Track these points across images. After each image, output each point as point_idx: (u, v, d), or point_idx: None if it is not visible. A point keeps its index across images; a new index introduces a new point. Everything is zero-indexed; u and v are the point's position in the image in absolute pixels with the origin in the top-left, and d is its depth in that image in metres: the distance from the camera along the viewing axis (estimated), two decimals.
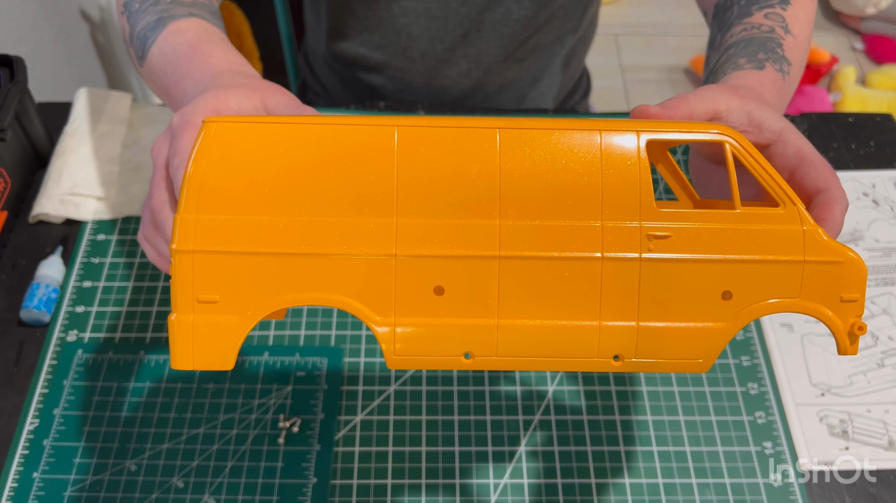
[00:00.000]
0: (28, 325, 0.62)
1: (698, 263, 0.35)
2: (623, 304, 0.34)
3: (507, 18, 0.76)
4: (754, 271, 0.35)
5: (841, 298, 0.35)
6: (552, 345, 0.35)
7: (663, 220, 0.35)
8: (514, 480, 0.55)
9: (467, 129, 0.35)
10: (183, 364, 0.35)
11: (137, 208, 0.68)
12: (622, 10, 2.00)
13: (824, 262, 0.35)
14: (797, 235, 0.35)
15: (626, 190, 0.34)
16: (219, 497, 0.54)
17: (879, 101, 1.72)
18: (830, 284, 0.35)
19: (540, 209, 0.34)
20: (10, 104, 0.64)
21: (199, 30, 0.51)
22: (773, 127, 0.41)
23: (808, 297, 0.35)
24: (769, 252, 0.35)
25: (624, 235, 0.34)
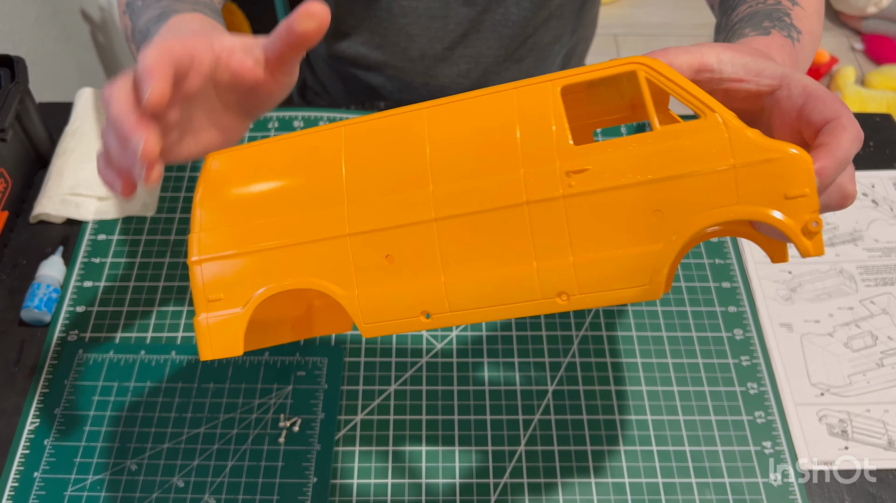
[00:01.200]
0: (29, 325, 0.62)
1: (621, 189, 0.34)
2: (555, 243, 0.35)
3: (507, 20, 0.76)
4: (682, 186, 0.34)
5: (786, 196, 0.33)
6: (498, 293, 0.36)
7: (581, 155, 0.35)
8: (514, 480, 0.55)
9: (400, 115, 0.39)
10: (206, 355, 0.42)
11: (138, 208, 0.68)
12: (622, 10, 2.00)
13: (757, 162, 0.33)
14: (722, 141, 0.34)
15: (542, 137, 0.36)
16: (219, 496, 0.54)
17: (879, 101, 1.72)
18: (770, 184, 0.33)
19: (467, 171, 0.37)
20: (11, 104, 0.64)
21: (203, 21, 0.49)
22: (773, 73, 0.39)
23: (747, 202, 0.33)
24: (694, 164, 0.34)
25: (545, 178, 0.35)
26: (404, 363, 0.61)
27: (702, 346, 0.62)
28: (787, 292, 0.65)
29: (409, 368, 0.60)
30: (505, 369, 0.60)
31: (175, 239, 0.67)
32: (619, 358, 0.61)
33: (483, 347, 0.61)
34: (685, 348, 0.62)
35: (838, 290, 0.65)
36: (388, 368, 0.60)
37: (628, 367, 0.61)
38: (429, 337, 0.62)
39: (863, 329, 0.63)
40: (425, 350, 0.61)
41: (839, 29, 2.01)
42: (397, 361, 0.61)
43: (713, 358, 0.61)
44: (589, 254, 0.35)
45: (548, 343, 0.62)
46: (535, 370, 0.60)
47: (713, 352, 0.61)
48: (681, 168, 0.34)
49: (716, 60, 0.40)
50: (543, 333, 0.62)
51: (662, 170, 0.34)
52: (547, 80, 0.37)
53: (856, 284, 0.66)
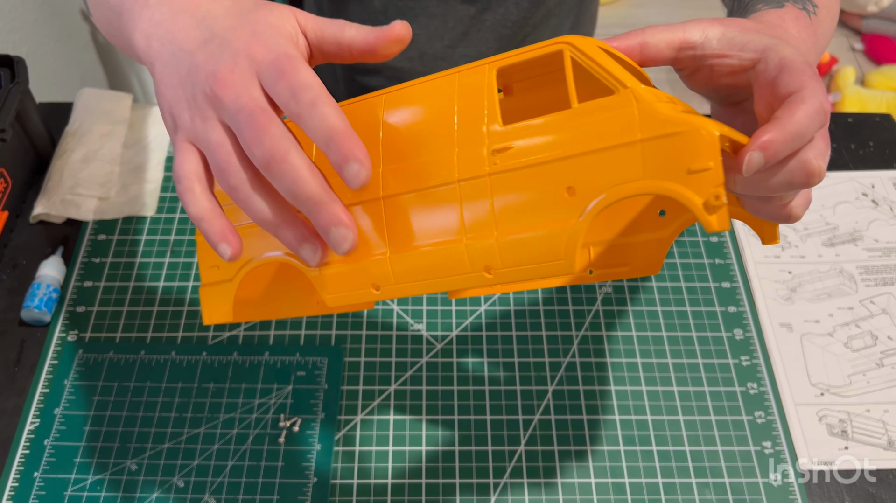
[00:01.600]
0: (29, 325, 0.62)
1: (537, 166, 0.35)
2: (482, 219, 0.36)
3: (507, 19, 0.77)
4: (593, 162, 0.34)
5: (689, 170, 0.32)
6: (434, 267, 0.37)
7: (507, 134, 0.36)
8: (514, 480, 0.55)
9: (361, 101, 0.40)
10: (205, 321, 0.45)
11: (138, 208, 0.69)
12: (622, 10, 2.00)
13: (662, 136, 0.32)
14: (631, 116, 0.33)
15: (475, 117, 0.37)
16: (219, 496, 0.54)
17: (879, 101, 1.72)
18: (675, 158, 0.32)
19: (412, 151, 0.38)
20: (11, 104, 0.64)
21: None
22: (755, 46, 0.38)
23: (652, 176, 0.33)
24: (603, 140, 0.34)
25: (474, 157, 0.36)
26: (404, 363, 0.61)
27: (702, 346, 0.62)
28: (786, 292, 0.65)
29: (409, 368, 0.60)
30: (505, 369, 0.60)
31: (175, 239, 0.67)
32: (619, 358, 0.61)
33: (483, 347, 0.62)
34: (685, 348, 0.62)
35: (838, 290, 0.65)
36: (388, 368, 0.60)
37: (628, 367, 0.61)
38: (429, 337, 0.62)
39: (863, 329, 0.63)
40: (425, 350, 0.61)
41: (839, 29, 2.00)
42: (397, 361, 0.61)
43: (713, 358, 0.61)
44: (510, 230, 0.36)
45: (548, 343, 0.62)
46: (535, 370, 0.60)
47: (713, 352, 0.61)
48: (590, 144, 0.34)
49: (700, 36, 0.39)
50: (543, 333, 0.62)
51: (574, 146, 0.34)
52: (485, 62, 0.38)
53: (856, 284, 0.66)
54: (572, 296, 0.64)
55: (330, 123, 0.33)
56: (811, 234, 0.69)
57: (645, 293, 0.65)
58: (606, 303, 0.64)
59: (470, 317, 0.63)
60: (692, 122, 0.32)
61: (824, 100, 0.34)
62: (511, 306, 0.64)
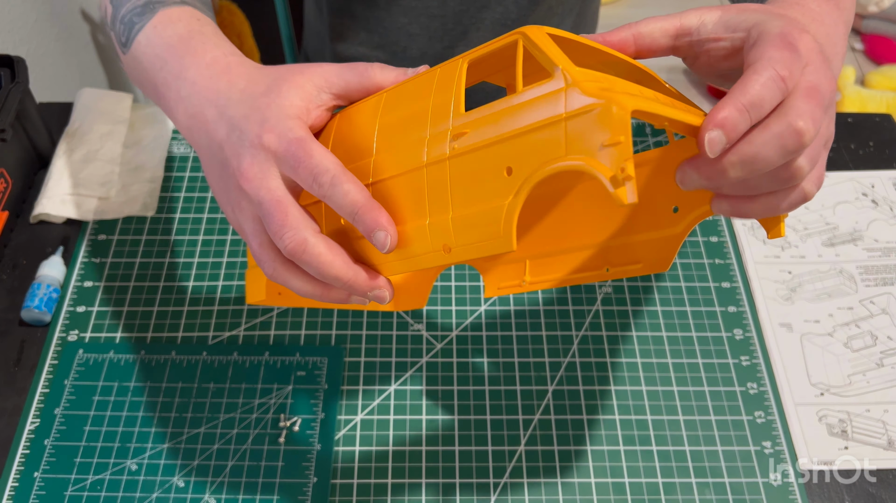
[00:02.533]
0: (29, 325, 0.62)
1: (484, 149, 0.36)
2: (441, 200, 0.38)
3: (506, 18, 0.77)
4: (527, 142, 0.35)
5: (602, 145, 0.32)
6: (409, 246, 0.39)
7: (466, 120, 0.38)
8: (514, 480, 0.55)
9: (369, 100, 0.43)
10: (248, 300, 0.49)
11: (138, 208, 0.69)
12: (622, 10, 2.00)
13: (579, 113, 0.33)
14: (558, 96, 0.34)
15: (444, 106, 0.39)
16: (219, 496, 0.54)
17: (879, 101, 1.72)
18: (590, 133, 0.32)
19: (398, 138, 0.40)
20: (12, 104, 0.64)
21: (190, 20, 0.47)
22: (745, 25, 0.37)
23: (572, 153, 0.33)
24: (535, 120, 0.35)
25: (439, 143, 0.38)
26: (404, 363, 0.61)
27: (702, 346, 0.62)
28: (786, 292, 0.65)
29: (409, 368, 0.60)
30: (505, 369, 0.60)
31: (175, 239, 0.67)
32: (619, 358, 0.61)
33: (483, 347, 0.62)
34: (685, 348, 0.62)
35: (838, 290, 0.65)
36: (388, 368, 0.60)
37: (628, 367, 0.61)
38: (429, 337, 0.62)
39: (862, 329, 0.63)
40: (425, 350, 0.61)
41: None
42: (397, 361, 0.61)
43: (713, 358, 0.61)
44: (462, 210, 0.37)
45: (548, 343, 0.62)
46: (535, 370, 0.60)
47: (713, 352, 0.61)
48: (523, 125, 0.35)
49: (697, 22, 0.39)
50: (543, 333, 0.62)
51: (511, 128, 0.36)
52: (460, 57, 0.40)
53: (856, 284, 0.66)
54: (572, 297, 0.65)
55: (352, 199, 0.37)
56: (811, 234, 0.69)
57: (645, 293, 0.65)
58: (606, 304, 0.64)
59: (470, 317, 0.63)
60: (608, 97, 0.32)
61: (783, 67, 0.33)
62: (511, 306, 0.64)
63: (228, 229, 0.68)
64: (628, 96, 0.32)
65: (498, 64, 0.43)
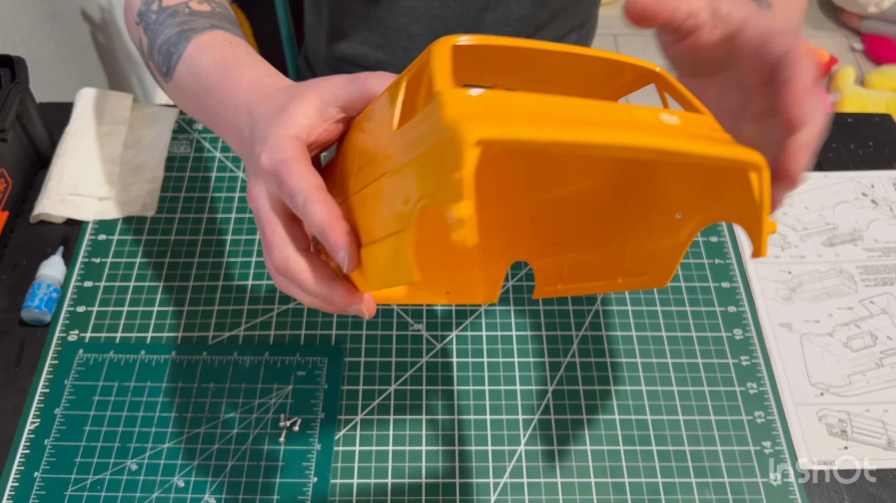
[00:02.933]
0: (29, 325, 0.62)
1: (391, 175, 0.35)
2: (368, 223, 0.38)
3: (508, 17, 0.77)
4: (413, 172, 0.32)
5: (451, 178, 0.27)
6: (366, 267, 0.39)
7: (394, 140, 0.36)
8: (514, 480, 0.55)
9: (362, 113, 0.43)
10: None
11: (138, 208, 0.69)
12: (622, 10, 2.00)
13: (439, 141, 0.29)
14: (437, 123, 0.30)
15: (388, 124, 0.37)
16: (219, 496, 0.54)
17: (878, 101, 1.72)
18: (439, 167, 0.29)
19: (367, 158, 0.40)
20: (12, 104, 0.64)
21: (223, 45, 0.50)
22: (738, 16, 0.40)
23: (429, 187, 0.30)
24: (416, 148, 0.32)
25: (379, 162, 0.37)
26: (404, 363, 0.61)
27: (701, 346, 0.62)
28: (786, 292, 0.65)
29: (409, 368, 0.60)
30: (505, 369, 0.60)
31: (175, 239, 0.67)
32: (619, 358, 0.61)
33: (483, 347, 0.62)
34: (685, 348, 0.62)
35: (838, 290, 0.65)
36: (388, 368, 0.60)
37: (628, 367, 0.61)
38: (429, 337, 0.62)
39: (862, 329, 0.63)
40: (425, 350, 0.61)
41: (839, 29, 2.01)
42: (397, 361, 0.61)
43: (713, 358, 0.61)
44: (374, 236, 0.37)
45: (548, 343, 0.62)
46: (535, 370, 0.60)
47: (713, 352, 0.61)
48: (413, 153, 0.32)
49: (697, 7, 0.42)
50: (543, 333, 0.62)
51: (406, 156, 0.33)
52: (406, 71, 0.38)
53: (855, 284, 0.66)
54: (572, 297, 0.65)
55: (318, 219, 0.38)
56: (811, 234, 0.69)
57: (645, 293, 0.65)
58: (606, 304, 0.64)
59: (470, 317, 0.63)
60: (457, 127, 0.27)
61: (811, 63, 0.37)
62: (511, 306, 0.64)
63: (228, 229, 0.68)
64: (487, 122, 0.27)
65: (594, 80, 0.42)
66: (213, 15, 0.53)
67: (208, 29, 0.51)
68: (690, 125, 0.35)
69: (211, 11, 0.53)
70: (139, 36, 0.54)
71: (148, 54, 0.54)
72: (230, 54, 0.49)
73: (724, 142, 0.35)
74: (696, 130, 0.35)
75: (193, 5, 0.53)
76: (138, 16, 0.54)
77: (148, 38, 0.53)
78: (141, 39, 0.54)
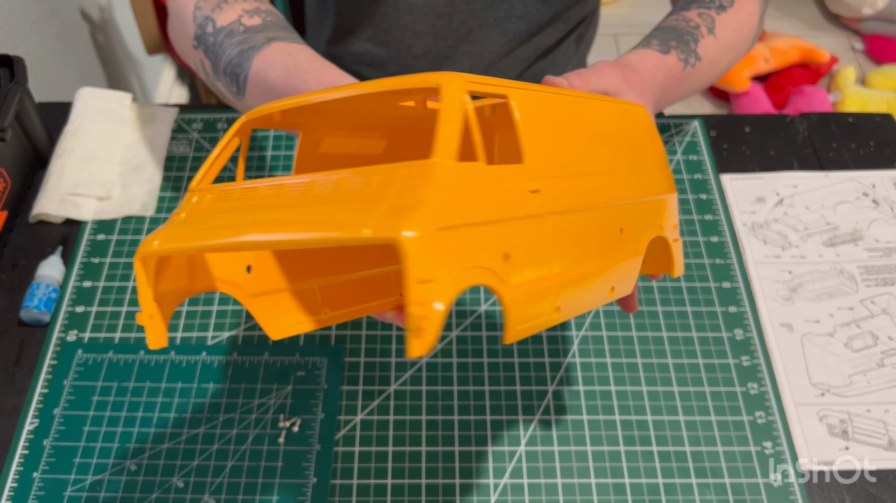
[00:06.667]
0: (28, 325, 0.62)
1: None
2: None
3: (511, 14, 0.76)
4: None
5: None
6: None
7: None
8: (514, 480, 0.55)
9: None
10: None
11: (137, 208, 0.68)
12: (622, 9, 2.00)
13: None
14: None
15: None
16: (219, 497, 0.54)
17: (879, 101, 1.72)
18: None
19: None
20: (11, 104, 0.64)
21: (284, 58, 0.52)
22: (602, 88, 0.46)
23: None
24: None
25: None
26: (404, 363, 0.61)
27: (702, 347, 0.62)
28: (787, 292, 0.65)
29: (409, 368, 0.60)
30: (505, 369, 0.60)
31: None
32: (619, 358, 0.61)
33: (483, 347, 0.61)
34: (685, 348, 0.62)
35: (839, 290, 0.65)
36: (388, 368, 0.60)
37: (628, 368, 0.61)
38: None
39: (863, 329, 0.63)
40: None
41: (839, 29, 2.00)
42: (397, 361, 0.61)
43: (713, 358, 0.61)
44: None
45: (548, 343, 0.62)
46: (535, 370, 0.60)
47: (713, 353, 0.61)
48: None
49: (613, 88, 0.47)
50: (543, 334, 0.62)
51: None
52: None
53: (856, 284, 0.66)
54: None
55: None
56: (812, 234, 0.69)
57: (645, 293, 0.65)
58: (606, 303, 0.64)
59: (470, 318, 0.63)
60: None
61: (570, 80, 0.45)
62: None
63: None
64: (155, 240, 0.33)
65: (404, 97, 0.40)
66: (266, 26, 0.55)
67: (266, 44, 0.53)
68: (371, 183, 0.31)
69: (263, 24, 0.55)
70: (199, 58, 0.57)
71: (214, 75, 0.56)
72: (292, 66, 0.51)
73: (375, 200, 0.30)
74: (361, 191, 0.30)
75: (246, 21, 0.55)
76: (195, 39, 0.56)
77: (210, 60, 0.56)
78: (203, 62, 0.57)
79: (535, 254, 0.32)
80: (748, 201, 0.71)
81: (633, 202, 0.41)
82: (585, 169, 0.37)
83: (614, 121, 0.42)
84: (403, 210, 0.27)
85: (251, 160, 0.73)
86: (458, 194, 0.29)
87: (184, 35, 0.58)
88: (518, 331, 0.32)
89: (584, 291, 0.36)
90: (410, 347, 0.27)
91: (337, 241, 0.27)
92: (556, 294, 0.34)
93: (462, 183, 0.29)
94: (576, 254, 0.35)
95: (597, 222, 0.37)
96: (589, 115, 0.40)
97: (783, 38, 1.80)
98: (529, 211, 0.32)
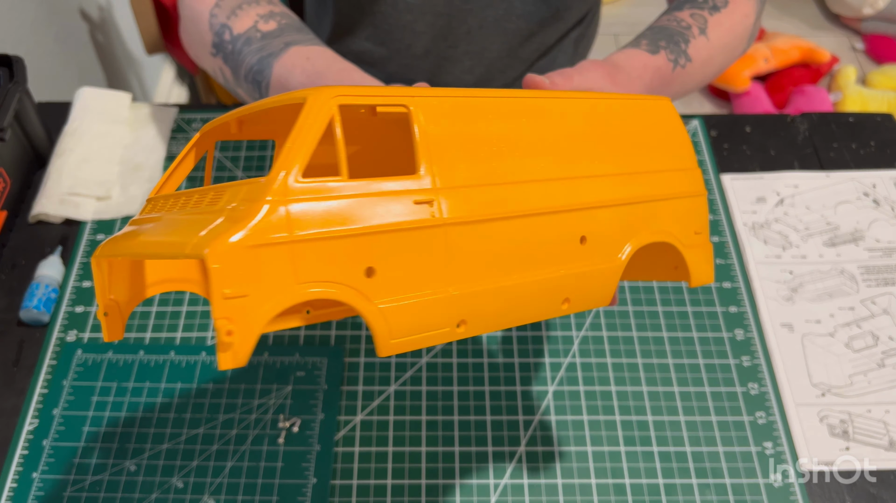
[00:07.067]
0: (28, 325, 0.62)
1: None
2: None
3: (510, 14, 0.76)
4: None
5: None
6: None
7: None
8: (514, 480, 0.55)
9: None
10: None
11: (137, 208, 0.68)
12: (622, 9, 2.00)
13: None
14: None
15: None
16: (218, 497, 0.54)
17: (880, 100, 1.72)
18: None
19: None
20: (10, 104, 0.64)
21: (303, 63, 0.52)
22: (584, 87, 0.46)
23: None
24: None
25: None
26: (404, 363, 0.60)
27: (702, 347, 0.62)
28: (787, 292, 0.65)
29: (409, 368, 0.60)
30: (505, 369, 0.60)
31: None
32: (620, 358, 0.61)
33: (483, 347, 0.61)
34: (686, 348, 0.62)
35: (839, 291, 0.65)
36: (388, 368, 0.60)
37: (628, 368, 0.60)
38: None
39: (864, 329, 0.63)
40: (425, 350, 0.61)
41: (840, 29, 2.00)
42: (397, 361, 0.61)
43: (714, 358, 0.61)
44: None
45: (548, 343, 0.62)
46: (535, 370, 0.60)
47: (714, 353, 0.61)
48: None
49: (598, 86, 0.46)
50: (543, 333, 0.62)
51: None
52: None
53: (857, 284, 0.66)
54: None
55: None
56: (812, 234, 0.69)
57: (645, 293, 0.65)
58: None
59: None
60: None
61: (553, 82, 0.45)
62: None
63: None
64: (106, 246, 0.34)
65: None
66: (283, 30, 0.55)
67: (284, 49, 0.54)
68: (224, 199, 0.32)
69: (279, 28, 0.56)
70: (218, 66, 0.57)
71: (234, 82, 0.57)
72: (312, 71, 0.52)
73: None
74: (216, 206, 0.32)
75: (262, 27, 0.56)
76: (213, 47, 0.57)
77: (230, 67, 0.56)
78: (222, 69, 0.57)
79: (418, 268, 0.32)
80: (749, 201, 0.71)
81: (610, 208, 0.38)
82: (521, 176, 0.35)
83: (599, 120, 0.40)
84: (224, 228, 0.28)
85: (251, 160, 0.73)
86: (301, 210, 0.29)
87: (200, 43, 0.58)
88: (394, 344, 0.32)
89: (509, 305, 0.35)
90: (218, 361, 0.28)
91: (172, 258, 0.32)
92: (456, 307, 0.33)
93: (308, 197, 0.30)
94: (492, 265, 0.34)
95: (534, 231, 0.35)
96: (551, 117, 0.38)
97: (784, 38, 1.80)
98: (413, 223, 0.32)
